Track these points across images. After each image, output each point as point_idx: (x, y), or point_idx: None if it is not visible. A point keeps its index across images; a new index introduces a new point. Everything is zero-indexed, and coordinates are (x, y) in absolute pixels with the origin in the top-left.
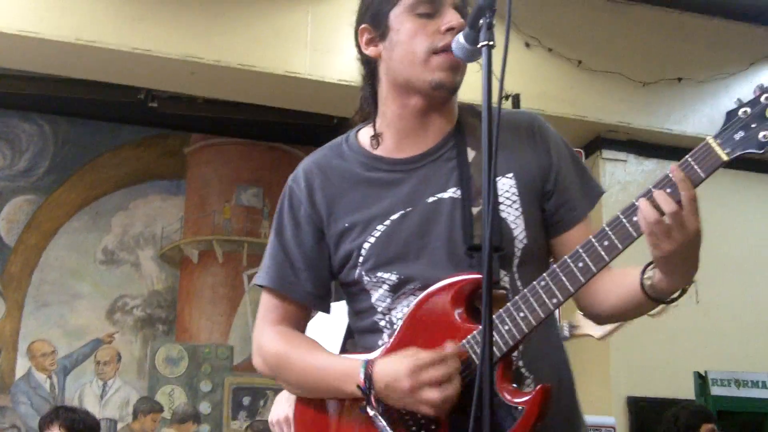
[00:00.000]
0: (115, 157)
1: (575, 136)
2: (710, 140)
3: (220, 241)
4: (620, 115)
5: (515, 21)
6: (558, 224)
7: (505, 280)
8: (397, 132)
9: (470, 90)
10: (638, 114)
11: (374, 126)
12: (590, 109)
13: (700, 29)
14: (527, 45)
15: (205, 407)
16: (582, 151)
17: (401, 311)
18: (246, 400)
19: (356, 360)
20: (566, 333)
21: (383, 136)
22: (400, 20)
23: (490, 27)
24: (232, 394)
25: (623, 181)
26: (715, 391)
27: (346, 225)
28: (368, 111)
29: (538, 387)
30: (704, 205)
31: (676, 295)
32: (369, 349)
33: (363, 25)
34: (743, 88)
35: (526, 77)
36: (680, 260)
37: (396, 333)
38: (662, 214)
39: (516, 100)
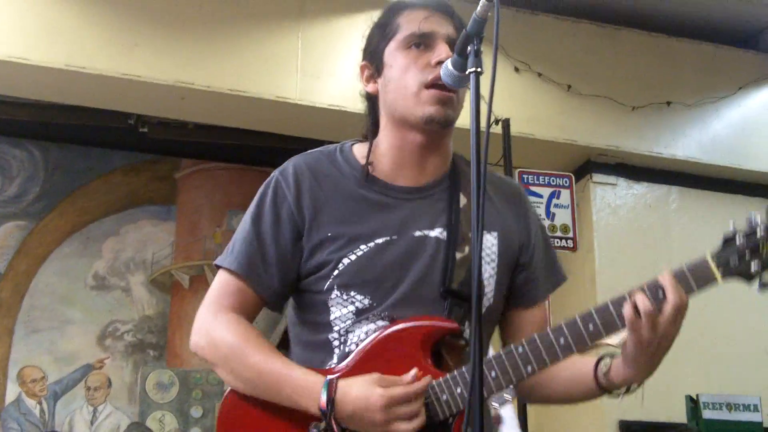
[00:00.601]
0: (105, 182)
1: (565, 160)
2: (709, 259)
3: (211, 266)
4: (610, 139)
5: (504, 46)
6: (521, 298)
7: (466, 333)
8: (394, 161)
9: (462, 114)
10: (628, 138)
11: (369, 152)
12: (580, 133)
13: (688, 53)
14: (517, 70)
15: None
16: (572, 175)
17: (358, 336)
18: None
19: (316, 376)
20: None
21: (379, 162)
22: (393, 56)
23: (477, 54)
24: None
25: (613, 204)
26: (707, 414)
27: (329, 234)
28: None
29: None
30: (696, 229)
31: (623, 390)
32: (312, 365)
33: (363, 62)
34: (732, 112)
35: (516, 102)
36: (648, 356)
37: (353, 358)
38: (654, 312)
39: (506, 124)
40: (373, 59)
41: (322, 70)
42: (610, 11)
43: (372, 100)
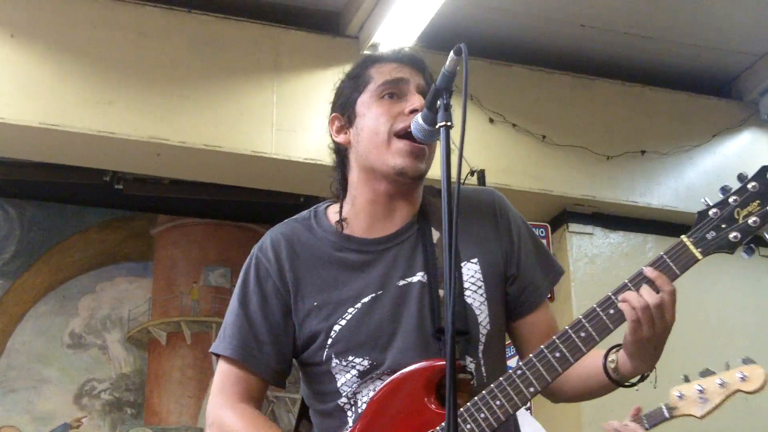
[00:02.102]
0: (81, 239)
1: (541, 210)
2: (685, 239)
3: (188, 322)
4: (585, 189)
5: (479, 97)
6: (522, 306)
7: (471, 366)
8: (367, 215)
9: (433, 165)
10: (603, 187)
11: (340, 210)
12: (555, 183)
13: (662, 102)
14: (491, 121)
15: None
16: (548, 225)
17: (367, 395)
18: None
19: None
20: (666, 415)
21: (352, 219)
22: (366, 105)
23: (447, 108)
24: None
25: (590, 254)
26: None
27: (315, 304)
28: (338, 195)
29: None
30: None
31: (636, 379)
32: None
33: (333, 114)
34: (706, 160)
35: (491, 153)
36: (652, 347)
37: (363, 416)
38: (646, 304)
39: (481, 175)
40: (345, 110)
41: (297, 124)
42: (584, 61)
43: (341, 152)
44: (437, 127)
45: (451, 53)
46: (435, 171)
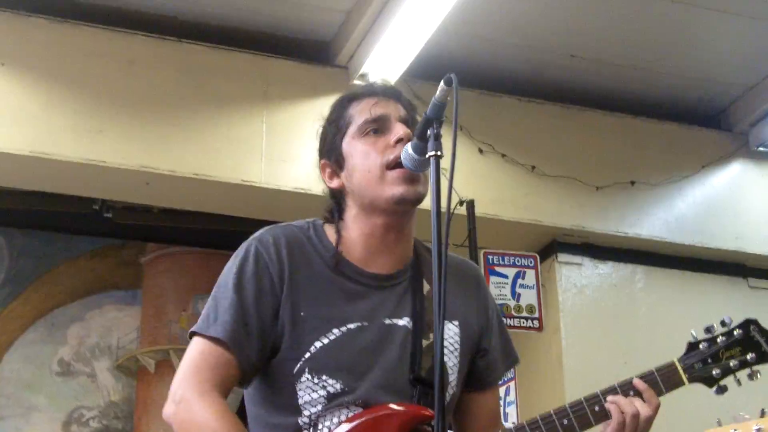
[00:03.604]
0: (70, 267)
1: (530, 240)
2: (676, 362)
3: (177, 351)
4: (575, 219)
5: (468, 128)
6: (480, 382)
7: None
8: (364, 248)
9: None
10: (592, 218)
11: (337, 242)
12: (545, 213)
13: (652, 133)
14: (481, 151)
15: None
16: (537, 255)
17: (331, 421)
18: None
19: None
20: None
21: (350, 247)
22: (352, 146)
23: (437, 137)
24: None
25: (579, 284)
26: None
27: (302, 314)
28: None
29: None
30: (662, 307)
31: None
32: None
33: (322, 161)
34: (696, 191)
35: (480, 183)
36: None
37: None
38: (637, 412)
39: (470, 205)
40: (332, 154)
41: (287, 154)
42: (573, 92)
43: (337, 196)
44: (427, 156)
45: (442, 83)
46: (426, 202)
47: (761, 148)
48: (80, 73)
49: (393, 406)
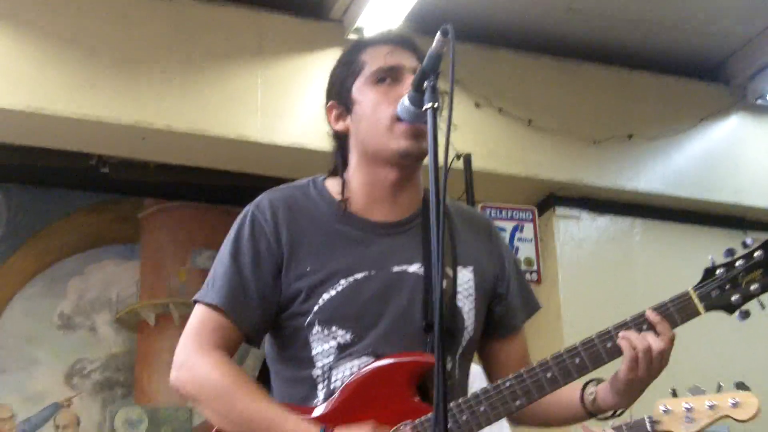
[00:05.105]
0: (68, 223)
1: (527, 194)
2: (691, 292)
3: (176, 304)
4: (572, 173)
5: (464, 82)
6: (498, 330)
7: (449, 366)
8: (367, 197)
9: None
10: (590, 171)
11: (342, 186)
12: (542, 167)
13: (649, 87)
14: (477, 105)
15: None
16: (535, 209)
17: (343, 372)
18: None
19: (310, 421)
20: (649, 428)
21: (353, 198)
22: (362, 92)
23: (434, 89)
24: None
25: (577, 238)
26: None
27: (308, 269)
28: (337, 172)
29: None
30: (659, 261)
31: (614, 413)
32: (295, 401)
33: (330, 102)
34: (694, 144)
35: (477, 137)
36: (639, 388)
37: (339, 395)
38: (649, 346)
39: (467, 159)
40: (341, 98)
41: (282, 109)
42: (570, 45)
43: (341, 139)
44: (423, 109)
45: (438, 34)
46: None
47: (760, 101)
48: (74, 29)
49: (401, 355)
